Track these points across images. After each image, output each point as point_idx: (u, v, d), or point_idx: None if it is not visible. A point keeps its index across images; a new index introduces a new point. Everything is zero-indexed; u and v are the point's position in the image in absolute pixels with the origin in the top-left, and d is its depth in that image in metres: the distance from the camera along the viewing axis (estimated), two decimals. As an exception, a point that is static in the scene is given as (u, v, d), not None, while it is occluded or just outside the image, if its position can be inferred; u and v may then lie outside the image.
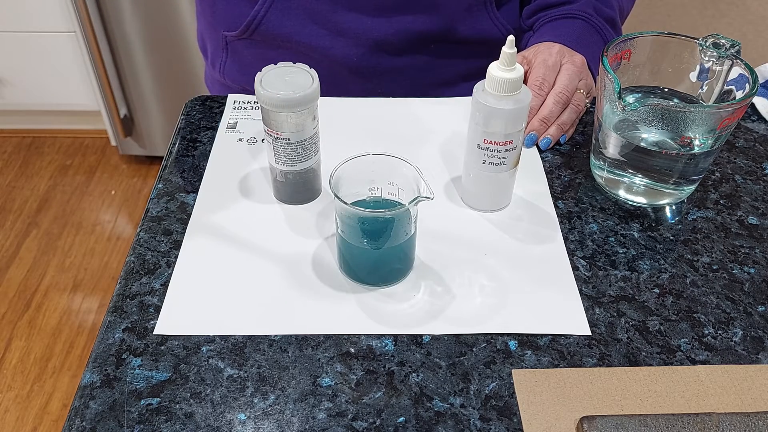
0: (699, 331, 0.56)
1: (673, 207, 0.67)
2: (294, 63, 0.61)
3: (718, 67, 0.64)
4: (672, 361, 0.53)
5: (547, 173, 0.71)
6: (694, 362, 0.53)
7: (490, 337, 0.54)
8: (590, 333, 0.55)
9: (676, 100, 0.68)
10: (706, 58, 0.64)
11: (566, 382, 0.51)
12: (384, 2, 0.79)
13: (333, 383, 0.51)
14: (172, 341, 0.54)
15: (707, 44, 0.64)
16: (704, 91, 0.67)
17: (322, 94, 0.62)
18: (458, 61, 0.85)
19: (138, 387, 0.51)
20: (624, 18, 0.89)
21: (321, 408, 0.50)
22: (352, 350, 0.53)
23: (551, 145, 0.73)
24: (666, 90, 0.69)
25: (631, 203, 0.67)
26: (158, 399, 0.50)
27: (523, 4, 0.88)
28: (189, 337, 0.54)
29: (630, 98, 0.58)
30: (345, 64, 0.82)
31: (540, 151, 0.73)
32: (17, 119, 2.07)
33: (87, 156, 2.03)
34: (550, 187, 0.69)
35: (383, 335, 0.54)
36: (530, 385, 0.51)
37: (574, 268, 0.60)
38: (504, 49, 0.57)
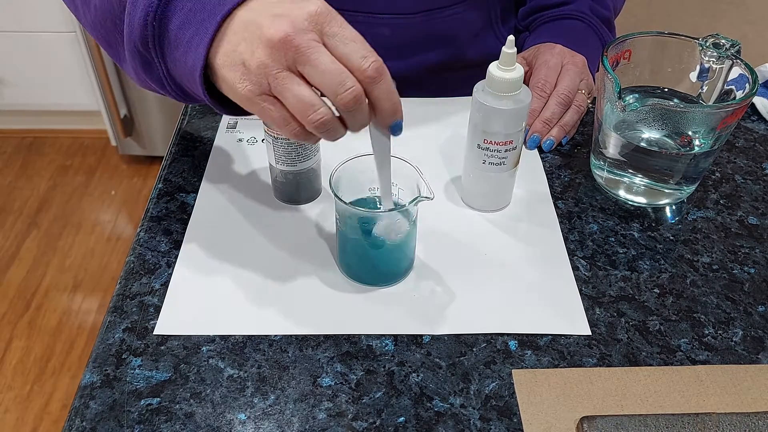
0: (699, 331, 0.56)
1: (673, 207, 0.67)
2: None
3: (718, 67, 0.64)
4: (672, 361, 0.53)
5: (547, 173, 0.70)
6: (694, 362, 0.53)
7: (490, 337, 0.54)
8: (590, 333, 0.55)
9: (676, 100, 0.68)
10: (706, 58, 0.64)
11: (566, 382, 0.51)
12: (400, 45, 0.79)
13: (333, 383, 0.51)
14: (172, 341, 0.54)
15: (707, 44, 0.64)
16: (704, 91, 0.67)
17: None
18: (467, 82, 0.85)
19: (138, 387, 0.51)
20: (616, 17, 0.89)
21: (321, 408, 0.50)
22: (352, 350, 0.53)
23: (554, 147, 0.73)
24: (666, 90, 0.69)
25: (631, 203, 0.67)
26: (158, 399, 0.50)
27: (519, 5, 0.88)
28: (189, 337, 0.54)
29: (630, 98, 0.58)
30: None
31: (540, 151, 0.73)
32: (17, 119, 2.07)
33: (87, 156, 2.03)
34: (550, 187, 0.69)
35: (383, 335, 0.54)
36: (530, 385, 0.51)
37: (574, 268, 0.60)
38: (504, 49, 0.57)
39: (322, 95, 0.46)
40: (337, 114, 0.47)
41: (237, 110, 0.51)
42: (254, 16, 0.45)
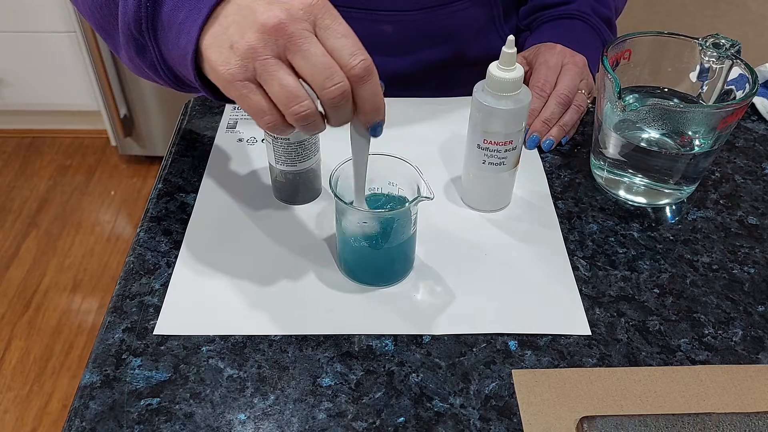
0: (699, 331, 0.56)
1: (673, 207, 0.67)
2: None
3: (718, 67, 0.64)
4: (672, 361, 0.53)
5: (547, 173, 0.70)
6: (694, 362, 0.53)
7: (490, 337, 0.54)
8: (590, 333, 0.55)
9: (676, 100, 0.68)
10: (706, 58, 0.64)
11: (566, 382, 0.51)
12: (402, 42, 0.79)
13: (333, 383, 0.51)
14: (172, 341, 0.54)
15: (707, 44, 0.64)
16: (704, 91, 0.67)
17: None
18: (469, 79, 0.85)
19: (138, 387, 0.51)
20: (617, 17, 0.89)
21: (321, 408, 0.50)
22: (352, 350, 0.53)
23: (553, 147, 0.73)
24: (666, 90, 0.69)
25: (631, 203, 0.67)
26: (158, 399, 0.50)
27: (520, 4, 0.88)
28: (189, 337, 0.54)
29: (630, 98, 0.58)
30: None
31: (540, 151, 0.73)
32: (17, 119, 2.07)
33: (87, 156, 2.03)
34: (550, 187, 0.69)
35: (383, 335, 0.54)
36: (530, 385, 0.51)
37: (574, 268, 0.60)
38: (504, 49, 0.57)
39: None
40: (320, 108, 0.46)
41: (227, 97, 0.51)
42: (249, 2, 0.45)
